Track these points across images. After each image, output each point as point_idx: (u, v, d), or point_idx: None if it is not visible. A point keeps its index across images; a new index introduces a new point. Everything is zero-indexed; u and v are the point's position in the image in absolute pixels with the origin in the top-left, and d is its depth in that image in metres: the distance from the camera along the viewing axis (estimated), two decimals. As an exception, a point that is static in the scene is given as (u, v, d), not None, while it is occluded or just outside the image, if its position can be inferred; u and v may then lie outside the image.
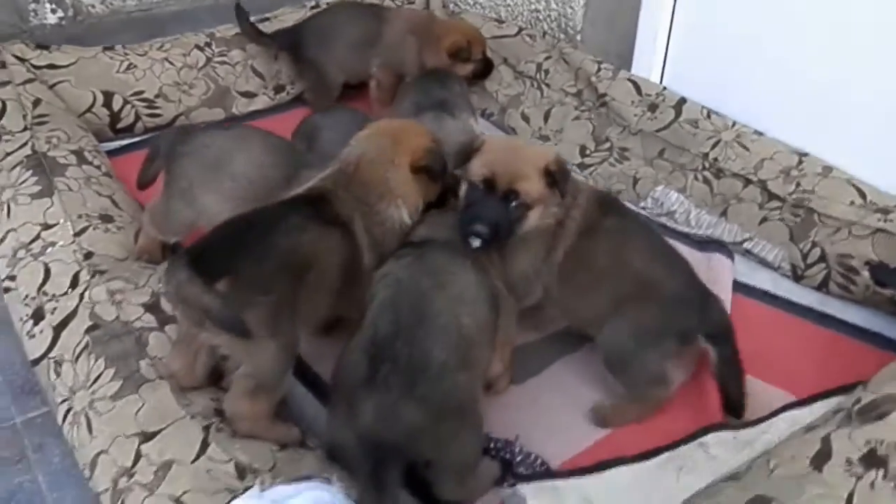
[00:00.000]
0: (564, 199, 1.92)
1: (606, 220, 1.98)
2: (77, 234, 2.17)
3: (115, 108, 2.96)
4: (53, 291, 2.03)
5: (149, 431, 1.67)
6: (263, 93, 3.26)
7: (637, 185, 2.69)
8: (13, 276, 2.13)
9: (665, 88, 2.82)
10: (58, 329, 1.94)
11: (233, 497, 1.51)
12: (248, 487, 1.53)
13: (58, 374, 1.87)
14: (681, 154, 2.66)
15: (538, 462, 1.82)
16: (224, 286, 1.56)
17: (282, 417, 1.79)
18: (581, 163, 2.85)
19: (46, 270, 2.09)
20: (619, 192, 2.70)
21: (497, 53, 3.21)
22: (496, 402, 1.95)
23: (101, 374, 1.81)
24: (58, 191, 2.30)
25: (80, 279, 2.04)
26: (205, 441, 1.63)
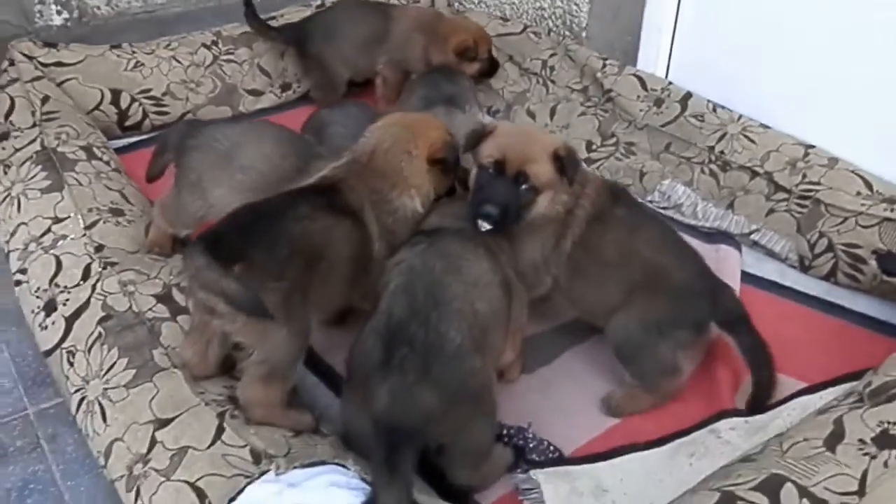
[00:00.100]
0: (573, 188, 1.93)
1: (615, 210, 1.99)
2: (88, 228, 2.18)
3: (123, 106, 2.98)
4: (65, 283, 2.04)
5: (163, 418, 1.67)
6: (270, 91, 3.28)
7: (644, 179, 2.71)
8: (24, 270, 2.14)
9: (671, 83, 2.84)
10: (70, 320, 1.95)
11: (249, 481, 1.52)
12: (264, 472, 1.53)
13: (71, 364, 1.87)
14: (687, 148, 2.68)
15: (551, 449, 1.83)
16: (238, 272, 1.57)
17: (294, 406, 1.80)
18: (587, 158, 2.86)
19: (58, 263, 2.10)
20: (626, 186, 2.71)
21: (502, 51, 3.22)
22: (508, 390, 1.96)
23: (115, 364, 1.82)
24: (68, 185, 2.31)
25: (92, 271, 2.05)
26: (220, 427, 1.63)
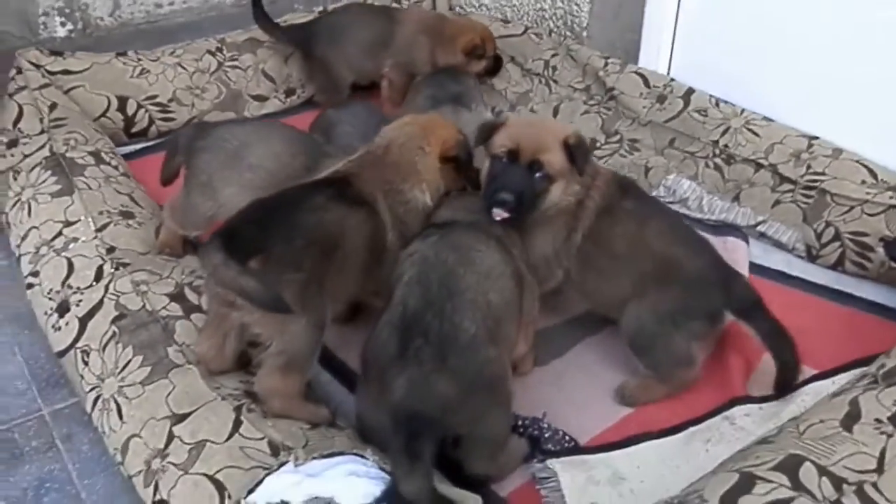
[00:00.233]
0: (583, 179, 1.94)
1: (625, 202, 2.00)
2: (99, 230, 2.19)
3: (129, 113, 3.00)
4: (78, 285, 2.05)
5: (180, 413, 1.68)
6: (275, 96, 3.30)
7: (649, 175, 2.72)
8: (36, 273, 2.15)
9: (673, 80, 2.86)
10: (84, 320, 1.96)
11: (268, 473, 1.52)
12: (283, 463, 1.54)
13: (85, 363, 1.88)
14: (691, 142, 2.70)
15: (566, 438, 1.83)
16: (256, 265, 1.58)
17: (311, 400, 1.80)
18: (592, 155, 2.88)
19: (70, 265, 2.11)
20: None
21: (504, 52, 3.25)
22: (521, 382, 1.96)
23: (130, 362, 1.83)
24: (78, 189, 2.33)
25: (105, 272, 2.06)
26: (237, 420, 1.64)
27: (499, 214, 1.85)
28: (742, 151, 2.58)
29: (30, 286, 2.15)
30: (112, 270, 2.05)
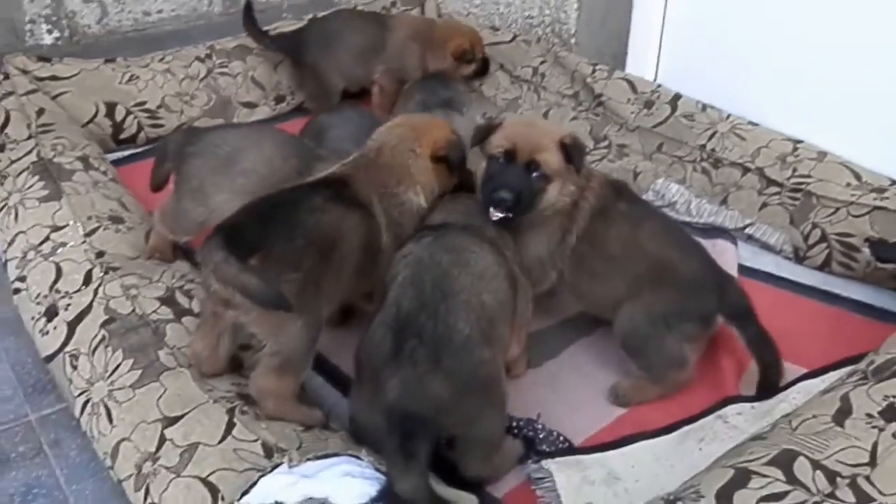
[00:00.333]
0: (578, 179, 1.96)
1: (619, 204, 2.02)
2: (87, 235, 2.17)
3: (118, 119, 2.98)
4: (66, 289, 2.03)
5: (171, 416, 1.66)
6: (264, 103, 3.30)
7: (638, 179, 2.74)
8: (23, 277, 2.13)
9: (660, 85, 2.90)
10: (73, 324, 1.94)
11: (262, 474, 1.51)
12: (277, 465, 1.53)
13: (74, 368, 1.86)
14: (679, 147, 2.73)
15: (560, 439, 1.83)
16: (255, 263, 1.58)
17: (305, 402, 1.79)
18: (581, 161, 2.90)
19: (58, 269, 2.09)
20: (625, 184, 2.75)
21: (493, 60, 3.27)
22: (515, 384, 1.95)
23: (120, 365, 1.81)
24: (66, 194, 2.31)
25: (94, 276, 2.04)
26: (230, 423, 1.63)
27: (497, 214, 1.85)
28: (729, 155, 2.61)
29: (16, 291, 2.13)
30: (101, 274, 2.03)
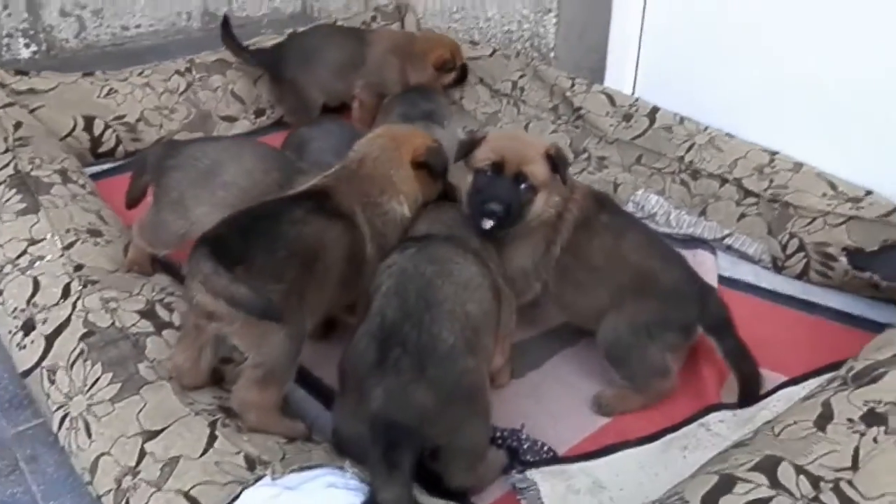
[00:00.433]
0: (562, 191, 1.98)
1: (602, 216, 2.04)
2: (66, 248, 2.14)
3: (96, 133, 2.96)
4: (44, 302, 2.00)
5: (152, 430, 1.63)
6: (244, 117, 3.30)
7: (618, 191, 2.77)
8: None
9: (638, 99, 2.94)
10: (50, 338, 1.90)
11: (244, 487, 1.49)
12: (260, 477, 1.51)
13: (52, 382, 1.82)
14: (657, 159, 2.76)
15: (545, 449, 1.83)
16: (238, 274, 1.57)
17: (287, 415, 1.77)
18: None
19: (35, 283, 2.05)
20: (606, 196, 2.77)
21: (473, 73, 3.31)
22: (499, 395, 1.95)
23: (99, 379, 1.77)
24: (44, 207, 2.28)
25: (72, 289, 2.01)
26: (212, 435, 1.60)
27: (487, 224, 1.88)
28: (707, 167, 2.65)
29: (-8, 306, 2.09)
30: (80, 288, 2.01)
